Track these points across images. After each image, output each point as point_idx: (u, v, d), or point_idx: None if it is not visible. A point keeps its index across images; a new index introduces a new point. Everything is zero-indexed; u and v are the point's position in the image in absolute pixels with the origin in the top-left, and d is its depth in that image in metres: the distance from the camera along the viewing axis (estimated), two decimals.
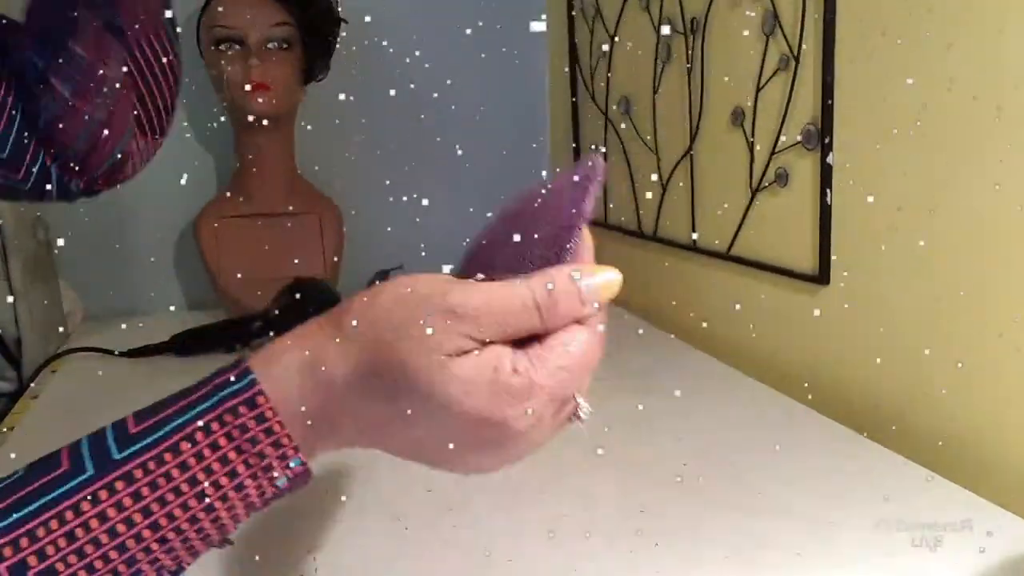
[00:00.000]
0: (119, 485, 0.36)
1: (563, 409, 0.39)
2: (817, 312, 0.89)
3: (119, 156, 0.69)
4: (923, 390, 0.78)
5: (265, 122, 1.17)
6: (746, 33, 0.94)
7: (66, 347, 1.12)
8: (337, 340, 0.38)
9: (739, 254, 1.00)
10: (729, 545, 0.61)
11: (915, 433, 0.78)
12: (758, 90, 0.93)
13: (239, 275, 1.20)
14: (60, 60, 0.62)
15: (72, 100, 0.63)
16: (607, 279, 0.42)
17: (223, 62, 1.15)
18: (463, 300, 0.36)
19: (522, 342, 0.38)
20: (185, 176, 1.31)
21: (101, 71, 0.64)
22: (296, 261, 1.21)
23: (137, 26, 0.66)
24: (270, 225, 1.24)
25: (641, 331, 1.11)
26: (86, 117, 0.64)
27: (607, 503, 0.67)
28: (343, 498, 0.71)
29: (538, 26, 1.28)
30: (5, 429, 0.89)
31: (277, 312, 1.06)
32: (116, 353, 1.09)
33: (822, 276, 0.87)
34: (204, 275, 1.26)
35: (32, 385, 1.03)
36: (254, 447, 0.37)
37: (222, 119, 1.25)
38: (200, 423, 0.37)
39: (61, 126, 0.63)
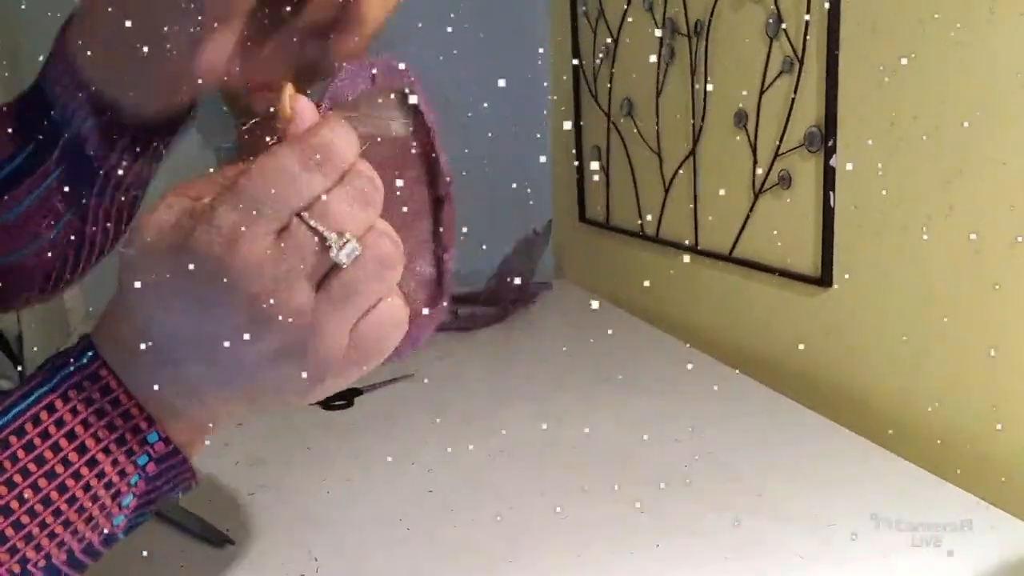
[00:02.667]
0: None
1: (283, 237, 0.34)
2: (819, 314, 0.89)
3: None
4: (924, 391, 0.78)
5: (267, 120, 1.17)
6: (749, 35, 0.94)
7: (67, 344, 1.12)
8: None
9: (742, 256, 1.00)
10: (729, 545, 0.61)
11: (915, 434, 0.78)
12: (761, 92, 0.93)
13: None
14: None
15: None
16: (281, 96, 0.40)
17: None
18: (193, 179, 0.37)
19: None
20: (186, 173, 1.30)
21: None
22: None
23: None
24: None
25: (642, 331, 1.11)
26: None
27: (607, 503, 0.67)
28: (344, 498, 0.71)
29: (540, 25, 1.27)
30: None
31: None
32: None
33: (824, 278, 0.87)
34: None
35: None
36: (100, 419, 0.36)
37: (222, 118, 1.25)
38: (44, 403, 0.36)
39: None
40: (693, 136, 1.06)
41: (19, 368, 1.09)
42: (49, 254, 0.51)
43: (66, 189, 0.48)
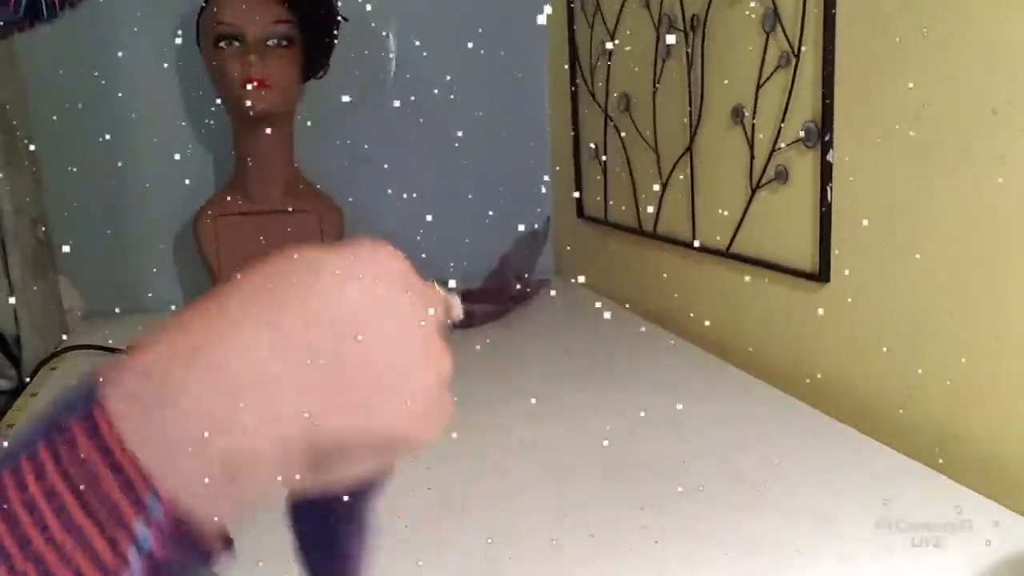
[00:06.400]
0: None
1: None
2: (817, 310, 0.89)
3: None
4: (923, 388, 0.78)
5: (265, 120, 1.17)
6: (746, 30, 0.93)
7: (65, 345, 1.12)
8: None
9: (739, 252, 1.00)
10: (729, 545, 0.61)
11: (915, 431, 0.78)
12: (758, 87, 0.93)
13: (238, 273, 1.20)
14: None
15: None
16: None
17: (223, 59, 1.15)
18: None
19: None
20: (185, 174, 1.31)
21: None
22: None
23: None
24: (269, 223, 1.24)
25: (641, 329, 1.11)
26: None
27: (607, 502, 0.67)
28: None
29: (542, 19, 1.27)
30: (5, 427, 0.89)
31: None
32: (116, 350, 1.09)
33: (822, 274, 0.87)
34: (203, 273, 1.26)
35: (31, 382, 1.03)
36: (96, 488, 0.27)
37: (222, 117, 1.25)
38: (35, 463, 0.28)
39: None
40: (690, 132, 1.06)
41: (17, 368, 1.09)
42: None
43: None
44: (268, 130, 1.19)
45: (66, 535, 0.27)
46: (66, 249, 1.23)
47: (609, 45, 1.20)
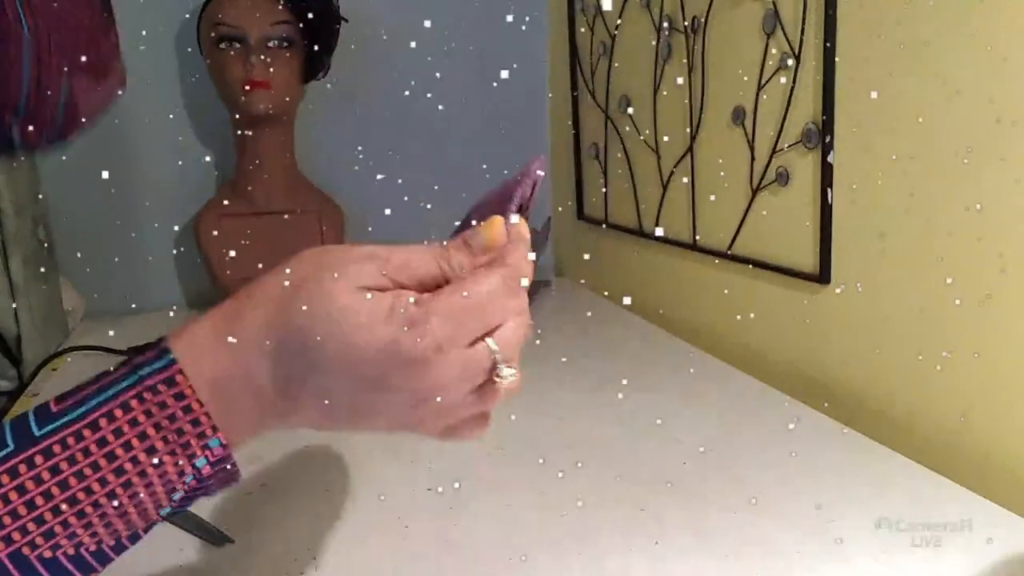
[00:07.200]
0: (38, 459, 0.37)
1: (470, 353, 0.39)
2: (817, 311, 0.89)
3: (63, 105, 0.68)
4: (923, 389, 0.78)
5: (265, 121, 1.17)
6: (747, 32, 0.93)
7: (66, 345, 1.12)
8: (247, 306, 0.39)
9: (740, 253, 1.00)
10: (729, 545, 0.61)
11: (915, 432, 0.78)
12: (759, 89, 0.93)
13: (239, 273, 1.20)
14: None
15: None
16: (490, 228, 0.42)
17: (224, 61, 1.15)
18: (373, 248, 0.39)
19: None
20: (185, 174, 1.31)
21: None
22: None
23: None
24: (270, 223, 1.24)
25: (641, 329, 1.11)
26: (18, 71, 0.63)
27: (607, 503, 0.68)
28: (344, 497, 0.71)
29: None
30: None
31: None
32: (117, 351, 1.09)
33: (823, 275, 0.87)
34: (204, 273, 1.26)
35: (32, 383, 1.03)
36: (172, 424, 0.38)
37: (222, 117, 1.25)
38: (119, 401, 0.38)
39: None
40: (691, 133, 1.06)
41: (18, 368, 1.09)
42: None
43: None
44: (269, 130, 1.19)
45: (144, 454, 0.37)
46: (67, 250, 1.23)
47: (609, 45, 1.20)
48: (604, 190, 1.28)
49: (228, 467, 0.40)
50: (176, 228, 1.34)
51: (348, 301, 0.37)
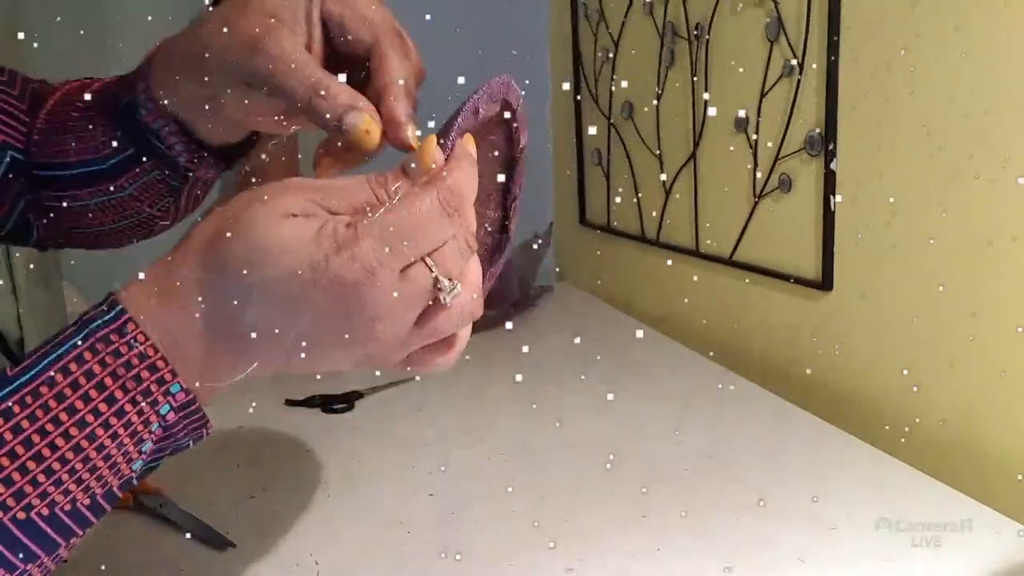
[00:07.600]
0: None
1: (406, 275, 0.38)
2: (819, 317, 0.89)
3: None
4: (924, 395, 0.78)
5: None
6: (750, 39, 0.94)
7: None
8: (185, 250, 0.40)
9: (742, 259, 1.00)
10: (729, 545, 0.61)
11: (915, 436, 0.78)
12: (762, 96, 0.93)
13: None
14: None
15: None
16: (423, 148, 0.43)
17: None
18: (306, 179, 0.40)
19: None
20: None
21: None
22: None
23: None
24: None
25: (643, 335, 1.11)
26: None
27: (607, 505, 0.67)
28: (345, 502, 0.71)
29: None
30: None
31: None
32: None
33: (825, 282, 0.87)
34: None
35: None
36: (129, 372, 0.38)
37: None
38: (73, 355, 0.37)
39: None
40: (693, 139, 1.06)
41: None
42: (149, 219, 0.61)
43: (164, 182, 0.58)
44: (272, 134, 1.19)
45: (104, 404, 0.37)
46: (69, 252, 1.23)
47: (612, 52, 1.20)
48: (607, 195, 1.28)
49: (195, 416, 0.40)
50: (178, 233, 1.34)
51: (273, 227, 0.37)
